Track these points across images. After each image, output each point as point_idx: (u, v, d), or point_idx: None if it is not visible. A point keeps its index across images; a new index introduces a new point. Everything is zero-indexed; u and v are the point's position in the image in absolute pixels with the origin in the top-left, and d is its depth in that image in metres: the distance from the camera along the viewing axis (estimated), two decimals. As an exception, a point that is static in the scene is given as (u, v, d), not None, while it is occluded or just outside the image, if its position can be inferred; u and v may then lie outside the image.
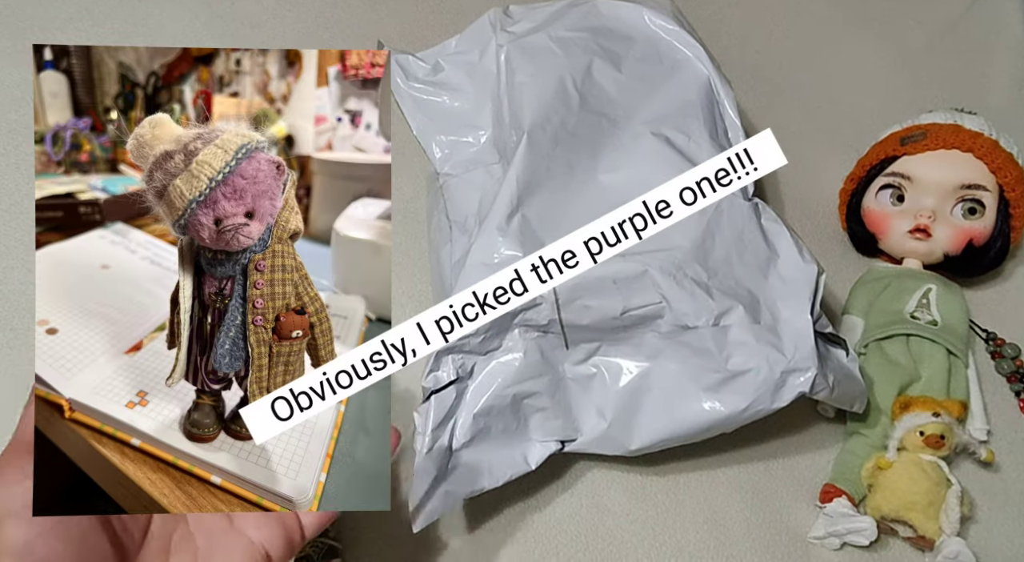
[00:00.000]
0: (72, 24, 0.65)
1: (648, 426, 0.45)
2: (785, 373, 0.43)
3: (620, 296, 0.44)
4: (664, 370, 0.45)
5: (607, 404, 0.45)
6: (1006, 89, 0.66)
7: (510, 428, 0.44)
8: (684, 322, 0.44)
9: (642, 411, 0.45)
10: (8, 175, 0.57)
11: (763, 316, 0.45)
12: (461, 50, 0.55)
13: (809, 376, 0.43)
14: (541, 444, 0.45)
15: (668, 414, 0.44)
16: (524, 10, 0.55)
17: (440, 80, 0.54)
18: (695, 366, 0.44)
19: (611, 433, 0.45)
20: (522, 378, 0.44)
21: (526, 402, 0.45)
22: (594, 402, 0.45)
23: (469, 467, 0.43)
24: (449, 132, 0.52)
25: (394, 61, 0.54)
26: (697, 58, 0.52)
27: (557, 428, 0.45)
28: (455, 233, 0.49)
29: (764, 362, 0.43)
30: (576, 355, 0.46)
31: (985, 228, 0.51)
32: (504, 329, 0.44)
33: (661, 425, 0.44)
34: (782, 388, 0.43)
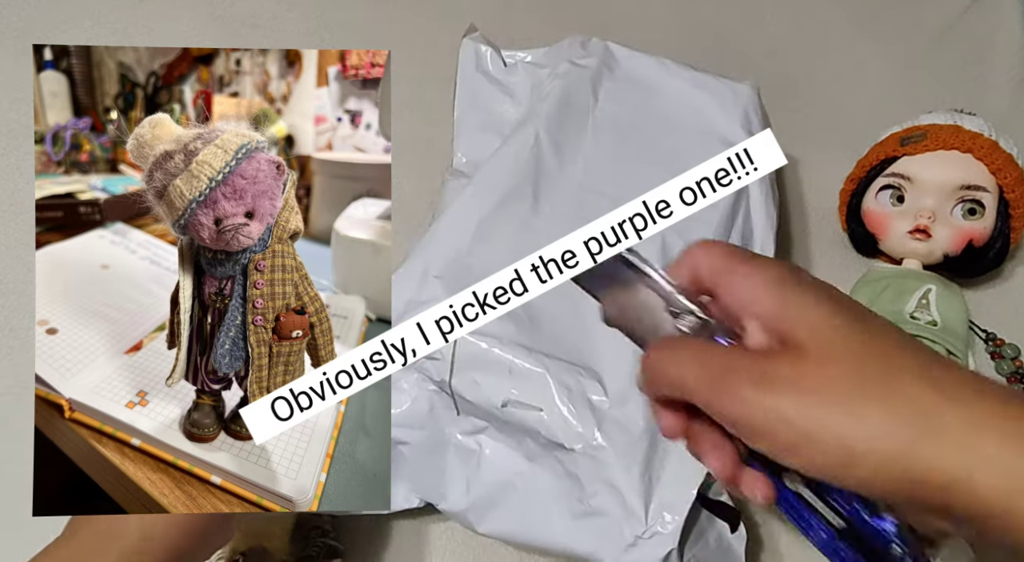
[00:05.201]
0: (72, 24, 0.65)
1: (500, 522, 0.43)
2: (639, 538, 0.40)
3: (508, 386, 0.43)
4: (534, 479, 0.42)
5: (475, 484, 0.43)
6: (1006, 90, 0.66)
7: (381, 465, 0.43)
8: (559, 440, 0.43)
9: (502, 507, 0.43)
10: (8, 175, 0.57)
11: (652, 465, 0.42)
12: (539, 63, 0.54)
13: (662, 553, 0.40)
14: (405, 494, 0.44)
15: (523, 521, 0.42)
16: (599, 48, 0.54)
17: (508, 83, 0.54)
18: (562, 488, 0.42)
19: (467, 512, 0.43)
20: (403, 424, 0.44)
21: (400, 448, 0.44)
22: (465, 475, 0.43)
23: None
24: (483, 133, 0.52)
25: (473, 48, 0.54)
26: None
27: (426, 486, 0.44)
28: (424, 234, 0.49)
29: (622, 516, 0.41)
30: (464, 425, 0.44)
31: (985, 229, 0.51)
32: (406, 370, 0.43)
33: (513, 528, 0.43)
34: (631, 550, 0.41)
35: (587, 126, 0.52)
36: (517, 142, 0.49)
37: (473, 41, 0.54)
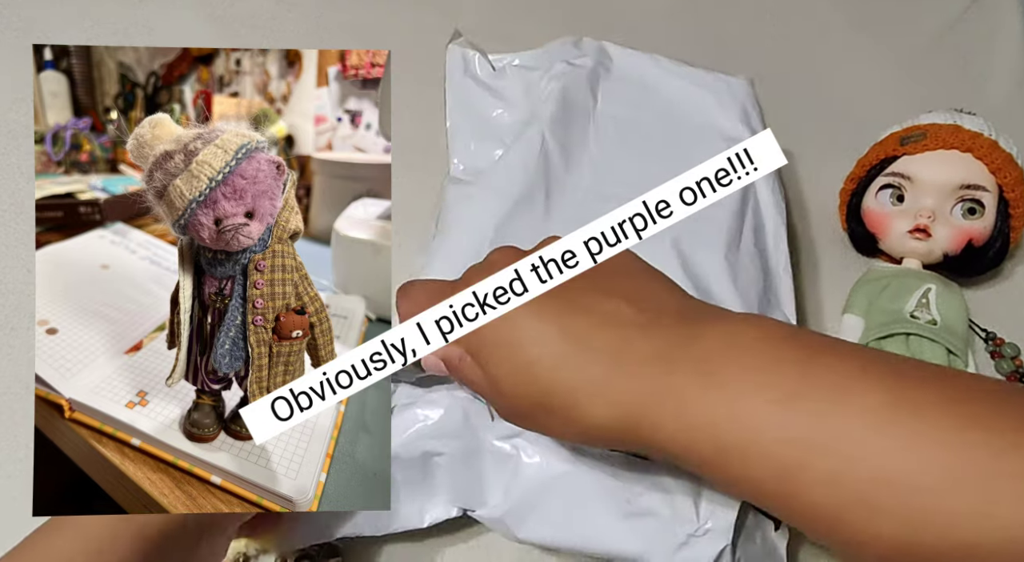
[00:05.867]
0: (72, 24, 0.65)
1: (539, 526, 0.41)
2: (691, 536, 0.39)
3: None
4: (576, 480, 0.41)
5: (512, 488, 0.42)
6: (1005, 89, 0.66)
7: (413, 480, 0.42)
8: None
9: (540, 510, 0.41)
10: (8, 175, 0.57)
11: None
12: (529, 65, 0.53)
13: (715, 551, 0.39)
14: (443, 506, 0.42)
15: (563, 523, 0.41)
16: (593, 47, 0.54)
17: (498, 87, 0.53)
18: (607, 487, 0.41)
19: (505, 518, 0.42)
20: (437, 435, 0.42)
21: (435, 460, 0.42)
22: (503, 481, 0.42)
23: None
24: (479, 140, 0.51)
25: (460, 53, 0.53)
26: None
27: (463, 494, 0.42)
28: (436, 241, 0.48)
29: (672, 516, 0.40)
30: (500, 429, 0.42)
31: (985, 228, 0.51)
32: (434, 381, 0.42)
33: (554, 532, 0.41)
34: (682, 550, 0.39)
35: (589, 128, 0.51)
36: (524, 147, 0.49)
37: (459, 46, 0.53)
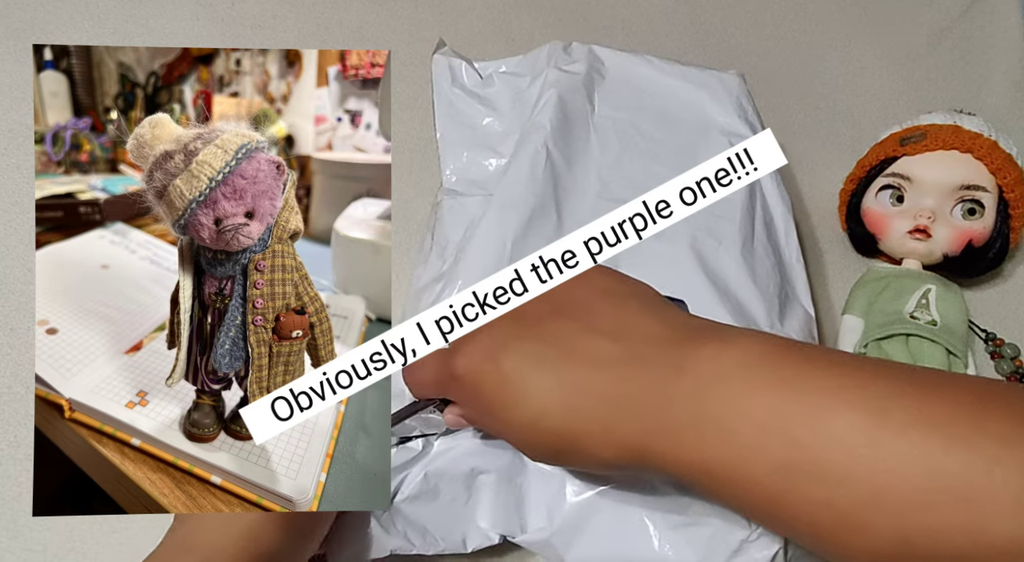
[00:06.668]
0: (72, 24, 0.65)
1: (589, 547, 0.40)
2: (744, 542, 0.39)
3: None
4: (624, 494, 0.40)
5: (557, 510, 0.41)
6: (1005, 90, 0.66)
7: (459, 500, 0.41)
8: None
9: (588, 530, 0.40)
10: (8, 175, 0.57)
11: None
12: (516, 72, 0.53)
13: (768, 555, 0.39)
14: (483, 532, 0.41)
15: (614, 542, 0.40)
16: (583, 52, 0.53)
17: (486, 95, 0.52)
18: (656, 500, 0.40)
19: (552, 541, 0.40)
20: (485, 451, 0.41)
21: (481, 478, 0.41)
22: (546, 502, 0.41)
23: (406, 522, 0.40)
24: (470, 149, 0.51)
25: (446, 63, 0.52)
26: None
27: (503, 519, 0.41)
28: (432, 256, 0.48)
29: (726, 523, 0.39)
30: None
31: (984, 229, 0.51)
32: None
33: (604, 550, 0.40)
34: (737, 557, 0.39)
35: (591, 134, 0.51)
36: (528, 159, 0.48)
37: (444, 56, 0.53)
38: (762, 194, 0.50)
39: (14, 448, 0.46)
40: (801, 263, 0.49)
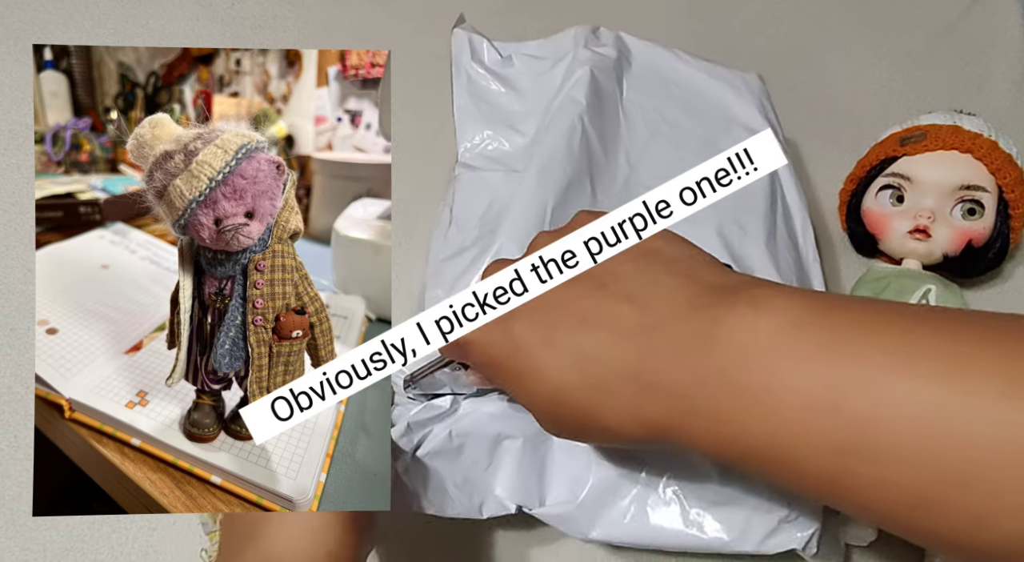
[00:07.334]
0: (72, 24, 0.65)
1: (617, 522, 0.39)
2: (782, 521, 0.38)
3: None
4: (655, 469, 0.40)
5: (584, 482, 0.40)
6: (1005, 90, 0.66)
7: (481, 463, 0.40)
8: None
9: (615, 506, 0.39)
10: (8, 175, 0.57)
11: None
12: (537, 55, 0.53)
13: (806, 535, 0.38)
14: (499, 501, 0.40)
15: (642, 520, 0.39)
16: (611, 37, 0.53)
17: (507, 74, 0.52)
18: (690, 476, 0.39)
19: (575, 515, 0.40)
20: (512, 415, 0.41)
21: (506, 443, 0.41)
22: (571, 473, 0.40)
23: (424, 479, 0.40)
24: (489, 126, 0.50)
25: (466, 38, 0.52)
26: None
27: (522, 489, 0.40)
28: (452, 229, 0.47)
29: (763, 501, 0.38)
30: None
31: (984, 229, 0.51)
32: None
33: (632, 526, 0.39)
34: (773, 536, 0.38)
35: (620, 117, 0.51)
36: (565, 129, 0.48)
37: (464, 31, 0.52)
38: (782, 189, 0.51)
39: (14, 448, 0.46)
40: (818, 263, 0.49)
